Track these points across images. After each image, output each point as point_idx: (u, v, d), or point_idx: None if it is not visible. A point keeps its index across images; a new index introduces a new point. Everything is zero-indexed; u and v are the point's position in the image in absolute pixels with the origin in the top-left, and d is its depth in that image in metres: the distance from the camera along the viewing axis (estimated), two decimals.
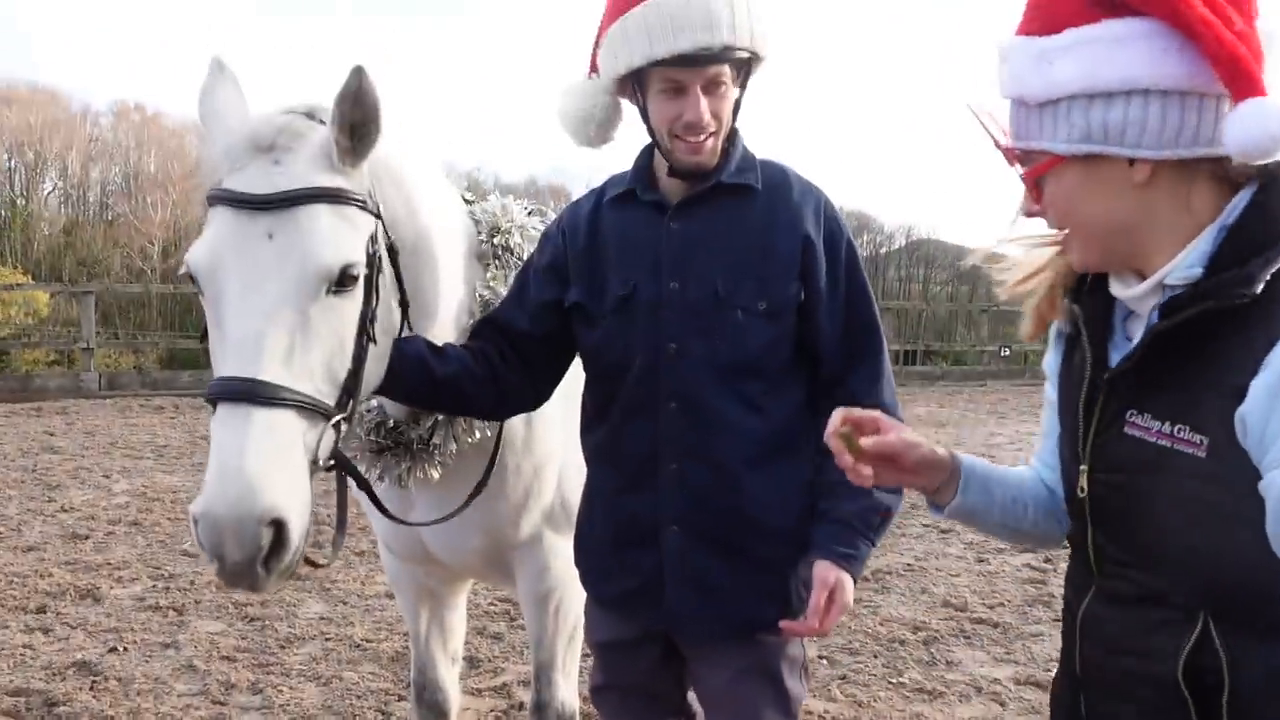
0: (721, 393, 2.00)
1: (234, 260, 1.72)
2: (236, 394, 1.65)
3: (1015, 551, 6.80)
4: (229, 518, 1.59)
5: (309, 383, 1.72)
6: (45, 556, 6.15)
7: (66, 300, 31.59)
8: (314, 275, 1.73)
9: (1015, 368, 21.84)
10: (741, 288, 2.00)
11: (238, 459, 1.62)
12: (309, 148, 1.81)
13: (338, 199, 1.79)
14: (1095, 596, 1.49)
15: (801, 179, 2.12)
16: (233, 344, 1.69)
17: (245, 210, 1.74)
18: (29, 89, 49.82)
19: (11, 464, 9.02)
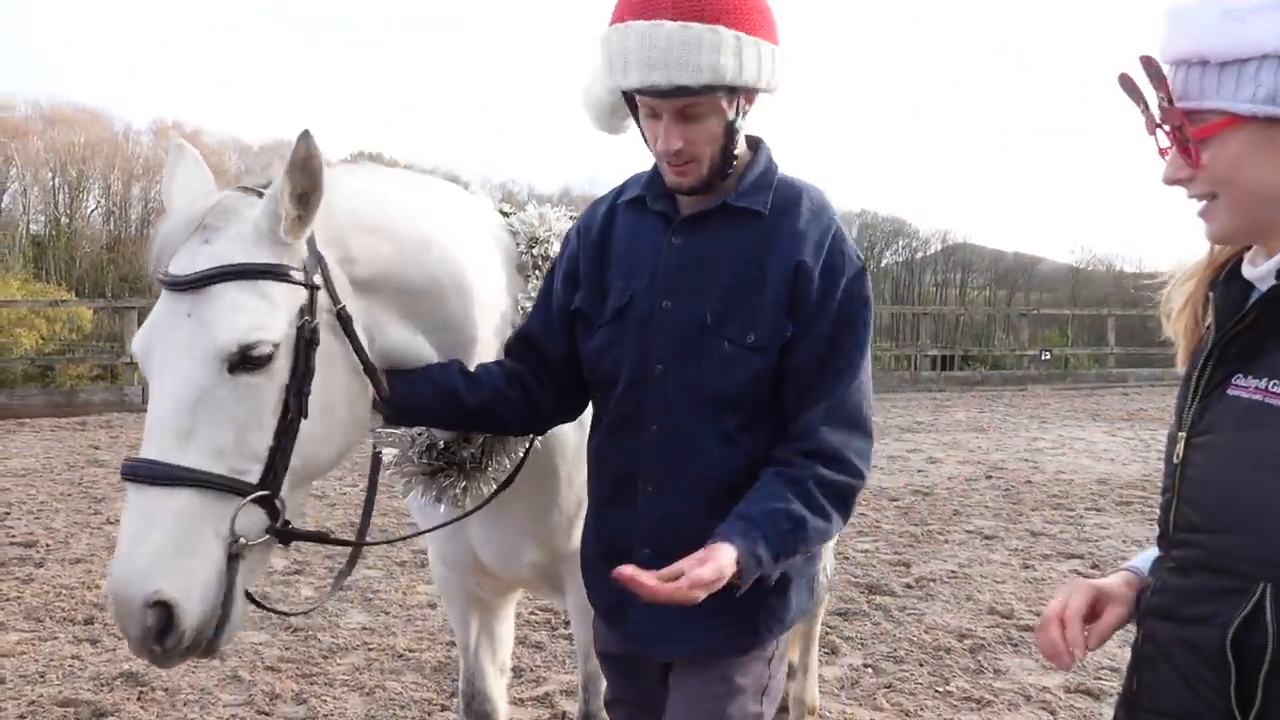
0: (699, 421, 1.94)
1: (158, 342, 1.78)
2: (134, 474, 1.71)
3: (1061, 558, 6.71)
4: (118, 599, 1.66)
5: (219, 461, 1.73)
6: (92, 569, 6.22)
7: (109, 315, 32.08)
8: (215, 354, 1.74)
9: (1056, 372, 21.63)
10: (733, 317, 1.92)
11: (128, 542, 1.68)
12: (237, 225, 1.81)
13: (252, 275, 1.77)
14: (1165, 569, 1.51)
15: (817, 203, 1.99)
16: (147, 425, 1.75)
17: (172, 292, 1.79)
18: (72, 109, 50.74)
19: (58, 477, 9.15)
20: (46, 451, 10.63)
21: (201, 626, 1.72)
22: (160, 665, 1.73)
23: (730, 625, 1.96)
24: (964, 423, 14.03)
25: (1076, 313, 28.96)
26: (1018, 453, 11.31)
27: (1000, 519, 7.89)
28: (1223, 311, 1.48)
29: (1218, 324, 1.48)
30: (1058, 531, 7.47)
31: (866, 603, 5.69)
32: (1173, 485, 1.50)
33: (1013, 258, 57.81)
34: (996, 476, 9.75)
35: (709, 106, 1.87)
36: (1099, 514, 8.12)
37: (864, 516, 7.81)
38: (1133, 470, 10.17)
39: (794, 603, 2.03)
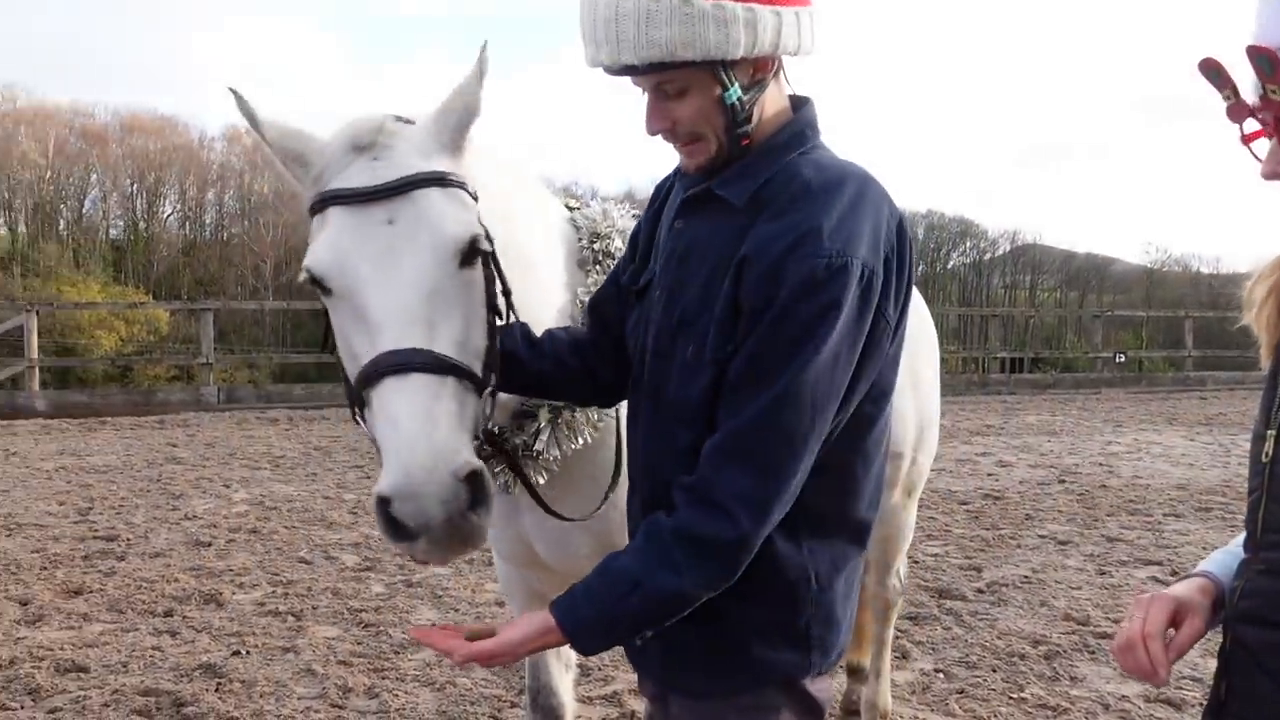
0: (656, 431, 1.79)
1: (360, 250, 1.73)
2: (406, 364, 1.64)
3: (1138, 564, 6.55)
4: (427, 479, 1.57)
5: (458, 354, 1.72)
6: (171, 562, 6.37)
7: (185, 317, 32.94)
8: (445, 249, 1.74)
9: (1130, 374, 21.18)
10: (697, 322, 1.70)
11: (422, 424, 1.61)
12: (408, 141, 1.83)
13: (447, 183, 1.81)
14: (1253, 572, 1.46)
15: (813, 199, 1.65)
16: (383, 321, 1.68)
17: (359, 204, 1.76)
18: (149, 117, 52.11)
19: (138, 474, 9.39)
20: (126, 449, 10.93)
21: None
22: (469, 545, 1.63)
23: (680, 665, 1.79)
24: (1035, 426, 13.78)
25: (1151, 314, 28.30)
26: (1092, 456, 11.07)
27: (1074, 524, 7.73)
28: None
29: None
30: (1135, 537, 7.29)
31: (937, 607, 5.61)
32: (1261, 484, 1.45)
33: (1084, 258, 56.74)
34: (1070, 480, 9.55)
35: (688, 80, 1.66)
36: (1178, 520, 7.91)
37: (933, 520, 7.71)
38: (1212, 475, 9.90)
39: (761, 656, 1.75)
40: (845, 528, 1.79)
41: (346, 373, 1.79)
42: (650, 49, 1.61)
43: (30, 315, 15.40)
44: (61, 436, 12.03)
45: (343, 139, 1.83)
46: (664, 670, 1.83)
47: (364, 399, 1.71)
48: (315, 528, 7.34)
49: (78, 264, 43.45)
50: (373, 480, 9.04)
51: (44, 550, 6.61)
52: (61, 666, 4.58)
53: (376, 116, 1.86)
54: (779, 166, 1.72)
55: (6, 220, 47.98)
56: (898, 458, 3.37)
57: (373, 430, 1.71)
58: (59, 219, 48.64)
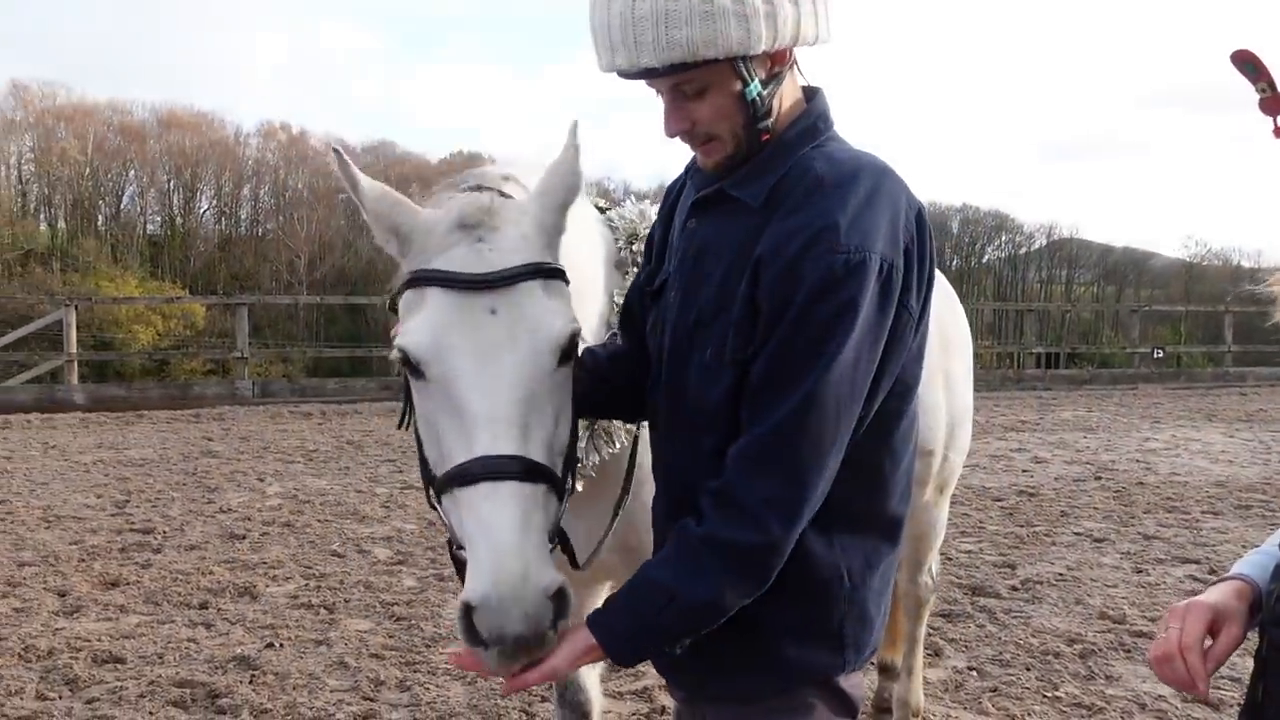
0: (674, 435, 1.79)
1: (462, 337, 1.68)
2: (502, 472, 1.61)
3: (1175, 563, 6.46)
4: (518, 598, 1.55)
5: (548, 456, 1.69)
6: (206, 555, 6.44)
7: (221, 312, 33.28)
8: (547, 348, 1.69)
9: (1169, 370, 20.90)
10: (715, 324, 1.70)
11: (514, 539, 1.58)
12: (514, 225, 1.77)
13: (550, 274, 1.76)
14: None
15: (825, 187, 1.64)
16: (480, 421, 1.64)
17: (464, 290, 1.69)
18: (185, 113, 52.66)
19: (174, 468, 9.50)
20: (163, 442, 11.06)
21: None
22: (525, 658, 1.62)
23: (712, 667, 1.78)
24: (1071, 422, 13.63)
25: (1191, 309, 27.88)
26: (1129, 453, 10.93)
27: (1111, 521, 7.63)
28: None
29: None
30: (1172, 535, 7.19)
31: (971, 604, 5.56)
32: None
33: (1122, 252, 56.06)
34: (1106, 477, 9.44)
35: (708, 78, 1.64)
36: (1216, 518, 7.79)
37: (967, 517, 7.64)
38: (1252, 473, 9.74)
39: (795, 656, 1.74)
40: (877, 524, 1.77)
41: (427, 455, 1.76)
42: (671, 50, 1.59)
43: (69, 310, 15.63)
44: (100, 429, 12.20)
45: (450, 217, 1.76)
46: (695, 673, 1.81)
47: (448, 491, 1.67)
48: (348, 521, 7.40)
49: (116, 259, 44.06)
50: (405, 472, 9.11)
51: (82, 542, 6.70)
52: (99, 657, 4.64)
53: (484, 196, 1.80)
54: (792, 162, 1.70)
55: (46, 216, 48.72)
56: (929, 455, 3.34)
57: (457, 527, 1.69)
58: (98, 215, 49.32)
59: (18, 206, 46.81)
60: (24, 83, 49.00)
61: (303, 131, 55.31)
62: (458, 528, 1.68)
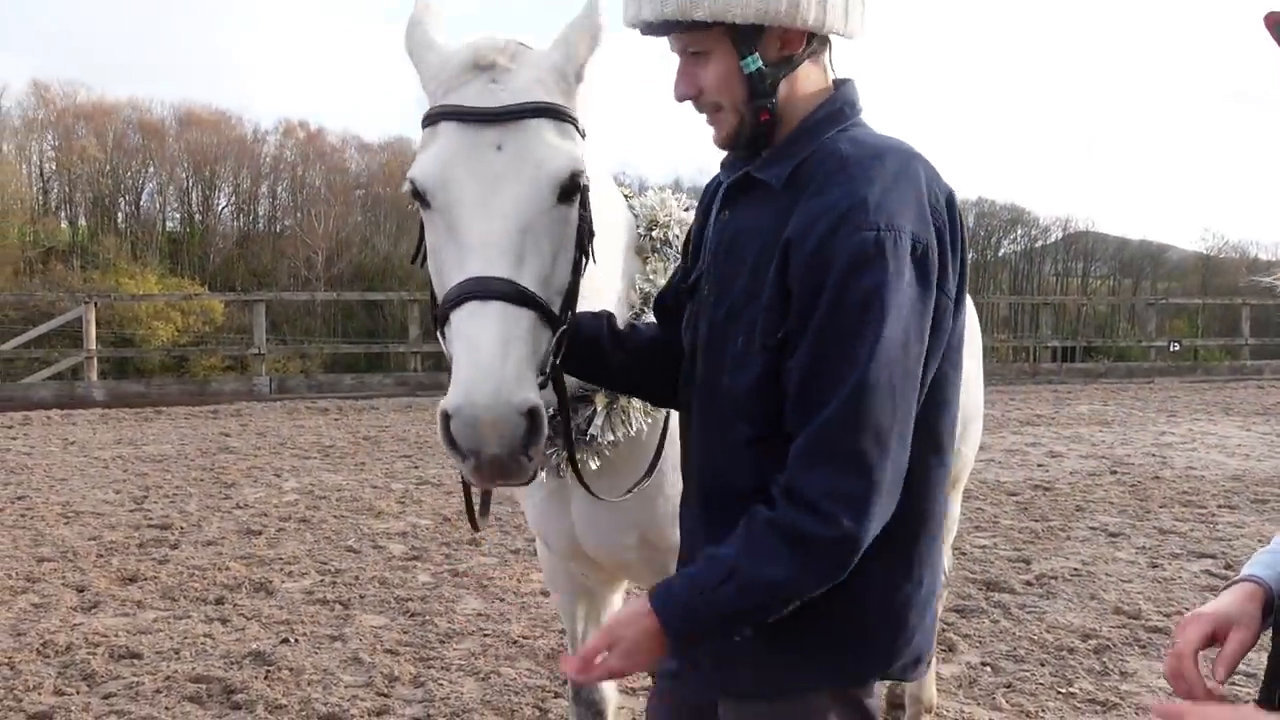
0: (710, 426, 1.79)
1: (466, 169, 1.75)
2: (489, 291, 1.67)
3: (1191, 558, 6.43)
4: (490, 407, 1.60)
5: (542, 288, 1.75)
6: (223, 551, 6.49)
7: (239, 308, 33.46)
8: (547, 182, 1.75)
9: (1185, 364, 20.77)
10: (747, 310, 1.70)
11: (493, 352, 1.64)
12: (529, 68, 1.84)
13: (560, 115, 1.82)
14: None
15: (851, 174, 1.62)
16: (475, 246, 1.71)
17: (472, 123, 1.77)
18: (204, 111, 52.95)
19: (192, 463, 9.57)
20: (181, 438, 11.14)
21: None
22: (517, 478, 1.68)
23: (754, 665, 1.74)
24: (1086, 416, 13.56)
25: (1208, 302, 27.69)
26: (1144, 447, 10.87)
27: (1126, 516, 7.60)
28: None
29: None
30: (1188, 530, 7.16)
31: (984, 599, 5.55)
32: None
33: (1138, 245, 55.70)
34: (1122, 472, 9.39)
35: (709, 44, 1.70)
36: (1233, 512, 7.75)
37: (981, 511, 7.62)
38: (1269, 466, 9.68)
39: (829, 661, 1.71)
40: (919, 523, 1.73)
41: (435, 289, 1.82)
42: (664, 5, 1.66)
43: (89, 307, 15.73)
44: (119, 426, 12.29)
45: (465, 55, 1.84)
46: (716, 671, 1.78)
47: (446, 321, 1.73)
48: (363, 517, 7.44)
49: (135, 256, 44.39)
50: (421, 467, 9.14)
51: (100, 538, 6.76)
52: (116, 653, 4.69)
53: (501, 39, 1.87)
54: (816, 145, 1.70)
55: (67, 214, 49.08)
56: None
57: (449, 347, 1.75)
58: (118, 212, 49.68)
59: (39, 204, 47.18)
60: (45, 82, 49.42)
61: (321, 129, 55.53)
62: (449, 349, 1.73)
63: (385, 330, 37.13)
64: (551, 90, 1.83)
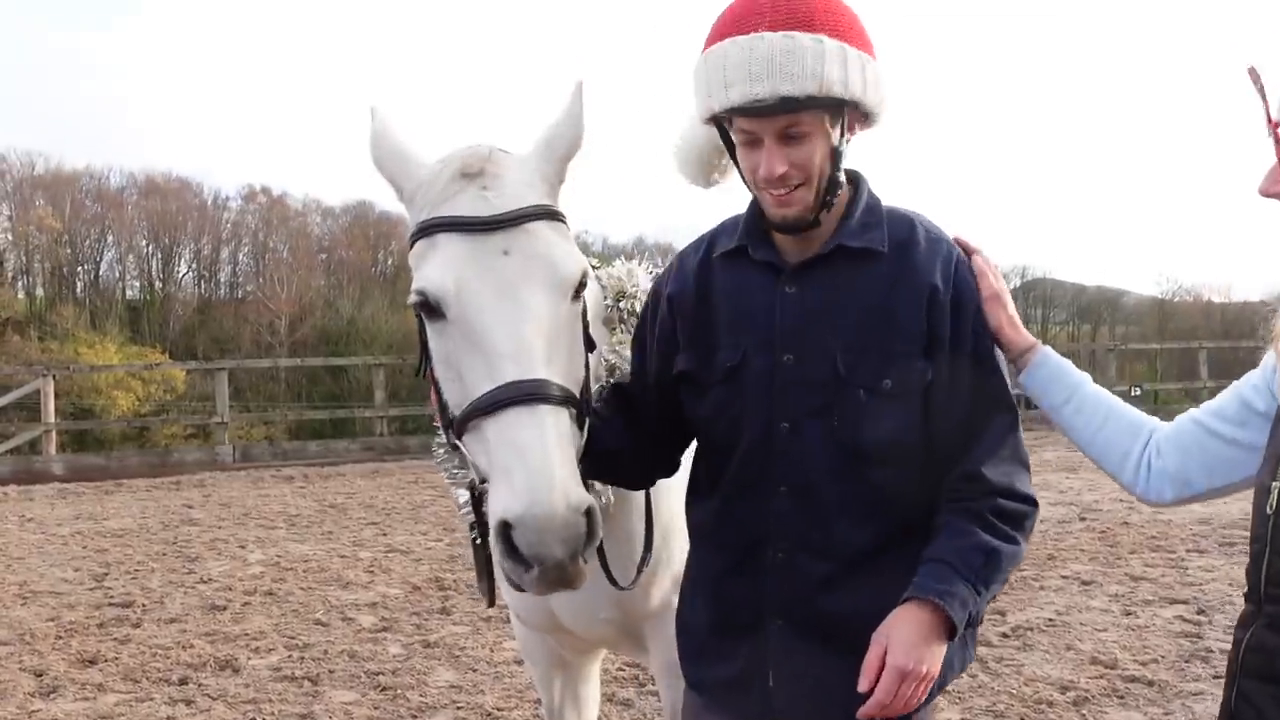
0: (839, 479, 1.83)
1: (478, 276, 1.75)
2: (532, 395, 1.67)
3: (1163, 604, 6.45)
4: (552, 514, 1.58)
5: (568, 384, 1.76)
6: (186, 628, 6.34)
7: (201, 376, 33.10)
8: (561, 283, 1.78)
9: (1147, 407, 20.93)
10: (864, 363, 1.82)
11: (546, 457, 1.63)
12: (516, 172, 1.86)
13: (555, 217, 1.86)
14: (1260, 625, 1.44)
15: (931, 230, 1.92)
16: (504, 352, 1.71)
17: (475, 232, 1.78)
18: (165, 178, 52.81)
19: (154, 537, 9.38)
20: (142, 511, 10.93)
21: None
22: (572, 585, 1.66)
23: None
24: (1053, 462, 13.66)
25: (1165, 346, 28.13)
26: (1112, 493, 10.93)
27: (1098, 563, 7.62)
28: None
29: None
30: (1159, 575, 7.18)
31: None
32: (1264, 536, 1.43)
33: (1095, 291, 56.62)
34: (1091, 518, 9.44)
35: (813, 124, 1.78)
36: (1202, 555, 7.79)
37: None
38: (1235, 509, 9.74)
39: (955, 661, 1.87)
40: None
41: (445, 396, 1.82)
42: (810, 83, 1.74)
43: (47, 380, 15.50)
44: (78, 500, 12.04)
45: (452, 166, 1.85)
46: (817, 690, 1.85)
47: (471, 427, 1.72)
48: (331, 588, 7.31)
49: (95, 325, 43.88)
50: (389, 535, 9.00)
51: (59, 619, 6.58)
52: None
53: (483, 145, 1.90)
54: (884, 216, 1.91)
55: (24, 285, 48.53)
56: None
57: (481, 456, 1.72)
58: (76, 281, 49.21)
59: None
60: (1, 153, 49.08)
61: (283, 194, 55.52)
62: (482, 460, 1.71)
63: (350, 395, 36.80)
64: (540, 192, 1.86)
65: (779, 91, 1.73)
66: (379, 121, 1.93)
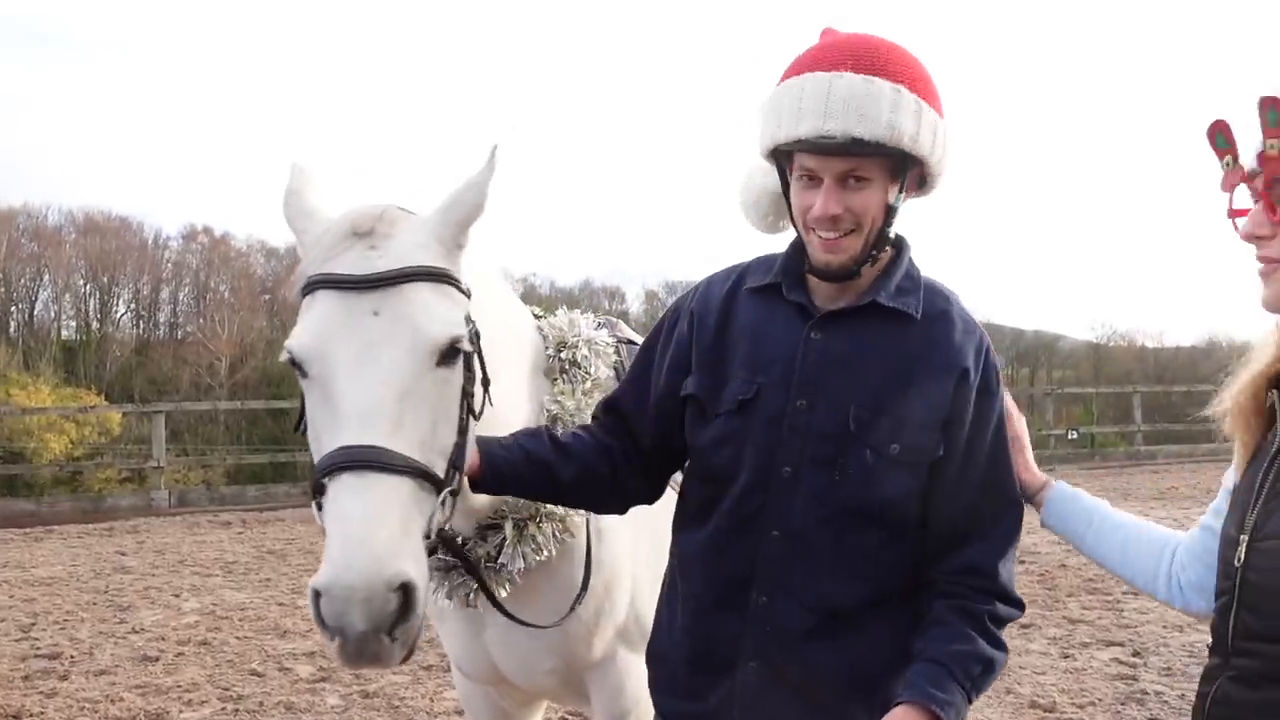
0: (831, 532, 1.83)
1: (342, 337, 1.74)
2: (360, 461, 1.64)
3: (1101, 646, 6.55)
4: (358, 585, 1.56)
5: (421, 454, 1.73)
6: (116, 680, 6.16)
7: (138, 419, 32.38)
8: (424, 347, 1.76)
9: (1084, 450, 21.36)
10: (876, 424, 1.81)
11: (365, 526, 1.60)
12: (408, 232, 1.86)
13: (439, 278, 1.84)
14: (1227, 678, 1.45)
15: (966, 314, 1.93)
16: (350, 414, 1.69)
17: (349, 291, 1.77)
18: (104, 217, 51.93)
19: (85, 585, 9.12)
20: (73, 559, 10.62)
21: (423, 619, 1.69)
22: (381, 663, 1.64)
23: None
24: None
25: (1101, 390, 28.73)
26: (1049, 535, 11.01)
27: (1036, 606, 7.71)
28: None
29: None
30: (1096, 618, 7.30)
31: None
32: (1231, 589, 1.45)
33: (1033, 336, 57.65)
34: (1030, 561, 9.55)
35: (874, 173, 1.79)
36: (1136, 598, 7.92)
37: None
38: None
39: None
40: None
41: (313, 456, 1.80)
42: (883, 129, 1.75)
43: None
44: (5, 549, 11.65)
45: (342, 224, 1.85)
46: None
47: (320, 488, 1.70)
48: (268, 637, 7.15)
49: (28, 366, 42.76)
50: None
51: None
52: None
53: (379, 205, 1.89)
54: (922, 285, 1.92)
55: None
56: None
57: (322, 520, 1.70)
58: (10, 320, 48.04)
59: None
60: None
61: (226, 234, 54.86)
62: (324, 523, 1.69)
63: (291, 438, 36.22)
64: (433, 254, 1.85)
65: (850, 132, 1.74)
66: (295, 178, 1.94)
